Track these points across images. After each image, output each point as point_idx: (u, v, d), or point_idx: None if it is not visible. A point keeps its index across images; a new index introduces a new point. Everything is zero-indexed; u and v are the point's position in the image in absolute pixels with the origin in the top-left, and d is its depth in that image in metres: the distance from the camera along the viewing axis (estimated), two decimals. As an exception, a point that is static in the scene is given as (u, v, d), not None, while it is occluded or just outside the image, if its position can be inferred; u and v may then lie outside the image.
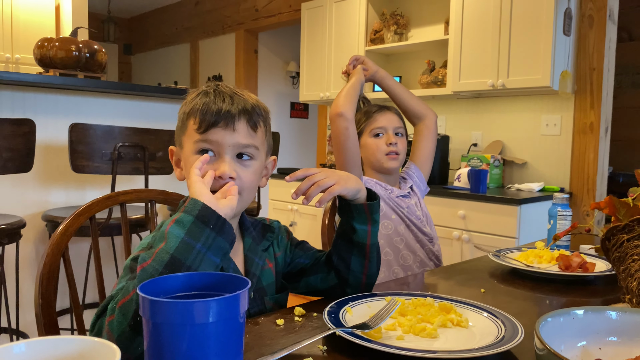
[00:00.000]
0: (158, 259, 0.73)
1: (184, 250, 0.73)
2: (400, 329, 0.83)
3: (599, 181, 2.99)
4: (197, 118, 0.88)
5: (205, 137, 0.87)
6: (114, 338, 0.71)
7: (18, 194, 2.29)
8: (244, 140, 0.89)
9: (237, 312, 0.58)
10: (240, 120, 0.88)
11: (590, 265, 1.20)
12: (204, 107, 0.88)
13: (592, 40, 2.94)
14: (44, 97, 2.33)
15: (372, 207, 0.98)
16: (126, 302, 0.72)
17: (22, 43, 4.23)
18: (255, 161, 0.91)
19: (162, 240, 0.74)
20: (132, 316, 0.71)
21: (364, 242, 0.98)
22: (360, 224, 0.98)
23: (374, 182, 1.60)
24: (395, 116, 1.62)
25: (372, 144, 1.58)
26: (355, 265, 1.00)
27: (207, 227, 0.75)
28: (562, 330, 0.64)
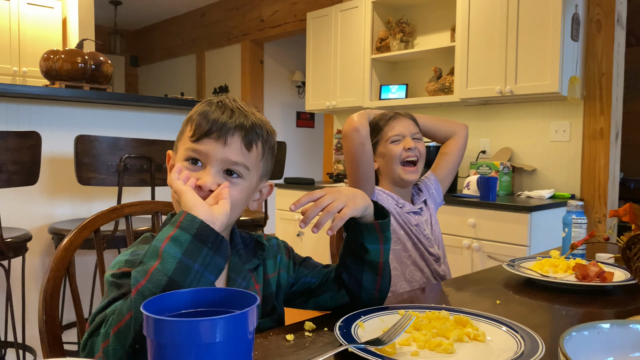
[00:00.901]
0: (154, 280, 0.68)
1: (182, 272, 0.69)
2: (415, 344, 0.79)
3: (611, 187, 2.95)
4: (193, 125, 0.86)
5: (196, 146, 0.84)
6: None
7: (24, 207, 2.27)
8: (234, 157, 0.84)
9: (246, 330, 0.55)
10: (234, 136, 0.84)
11: (608, 274, 1.16)
12: (202, 115, 0.86)
13: (601, 45, 2.91)
14: (49, 110, 2.33)
15: (383, 226, 0.93)
16: (122, 328, 0.68)
17: (29, 56, 4.25)
18: (243, 181, 0.87)
19: (156, 259, 0.70)
20: (129, 344, 0.68)
21: (376, 260, 0.94)
22: (372, 244, 0.93)
23: (386, 195, 1.57)
24: (411, 121, 1.59)
25: (391, 150, 1.54)
26: (368, 282, 0.96)
27: (205, 247, 0.71)
28: (587, 345, 0.61)
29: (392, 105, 3.70)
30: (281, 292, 1.01)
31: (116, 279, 0.81)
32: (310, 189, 3.64)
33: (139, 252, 0.85)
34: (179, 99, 2.64)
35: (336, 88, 3.96)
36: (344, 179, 3.78)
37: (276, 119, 6.17)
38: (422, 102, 3.50)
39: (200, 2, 6.26)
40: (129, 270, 0.81)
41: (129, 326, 0.68)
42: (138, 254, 0.84)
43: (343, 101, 3.91)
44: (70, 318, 2.35)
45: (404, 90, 3.68)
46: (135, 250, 0.87)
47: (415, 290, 1.27)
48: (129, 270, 0.82)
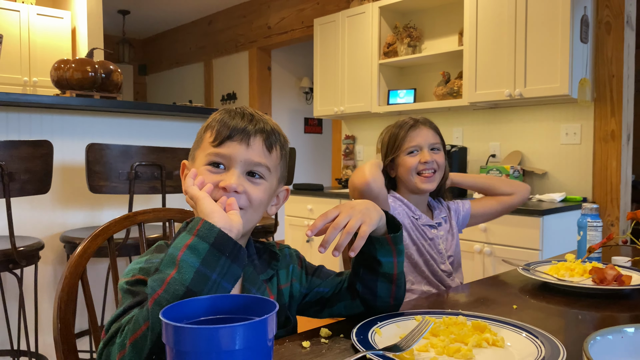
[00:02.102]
0: (171, 290, 0.68)
1: (200, 281, 0.68)
2: (433, 351, 0.79)
3: (623, 190, 2.92)
4: (213, 131, 0.87)
5: (219, 150, 0.85)
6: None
7: (36, 216, 2.29)
8: (257, 158, 0.86)
9: (265, 337, 0.55)
10: (256, 138, 0.86)
11: (626, 277, 1.15)
12: (222, 122, 0.87)
13: (610, 47, 2.89)
14: (60, 119, 2.35)
15: (396, 240, 0.91)
16: (138, 338, 0.68)
17: (39, 66, 4.29)
18: (265, 182, 0.88)
19: (173, 267, 0.69)
20: (146, 354, 0.67)
21: (390, 272, 0.93)
22: (385, 257, 0.91)
23: (403, 206, 1.54)
24: (431, 131, 1.56)
25: (407, 162, 1.52)
26: (382, 291, 0.94)
27: (223, 256, 0.71)
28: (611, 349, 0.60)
29: (400, 110, 3.70)
30: (294, 303, 1.00)
31: (130, 287, 0.81)
32: (319, 195, 3.64)
33: (153, 261, 0.85)
34: (189, 106, 2.65)
35: (344, 93, 3.96)
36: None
37: (284, 125, 6.18)
38: (431, 107, 3.50)
39: (207, 10, 6.30)
40: (144, 278, 0.81)
41: (146, 336, 0.67)
42: (153, 262, 0.84)
43: (351, 106, 3.91)
44: (81, 326, 2.35)
45: (412, 95, 3.67)
46: (149, 258, 0.87)
47: (430, 295, 1.26)
48: (143, 277, 0.81)
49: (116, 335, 0.73)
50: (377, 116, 4.03)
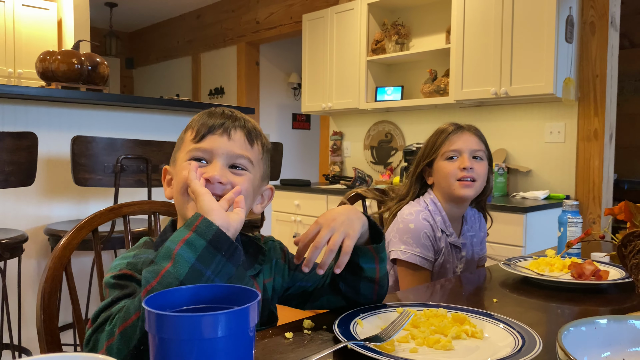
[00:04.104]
0: (165, 283, 0.68)
1: (194, 277, 0.69)
2: (413, 342, 0.80)
3: (605, 188, 2.97)
4: (194, 130, 0.87)
5: (200, 145, 0.85)
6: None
7: (20, 208, 2.27)
8: (239, 150, 0.86)
9: (247, 326, 0.56)
10: (237, 131, 0.87)
11: (603, 272, 1.17)
12: (203, 119, 0.88)
13: (595, 47, 2.93)
14: (46, 111, 2.33)
15: (378, 250, 0.92)
16: (128, 327, 0.68)
17: (24, 58, 4.24)
18: (249, 173, 0.88)
19: (168, 260, 0.70)
20: (134, 344, 0.67)
21: (373, 276, 0.93)
22: (368, 264, 0.91)
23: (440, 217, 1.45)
24: (474, 137, 1.44)
25: (444, 167, 1.42)
26: (365, 290, 0.95)
27: (219, 254, 0.71)
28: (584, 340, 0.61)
29: (387, 107, 3.72)
30: (275, 297, 1.00)
31: (118, 280, 0.80)
32: (306, 191, 3.65)
33: (141, 256, 0.84)
34: (176, 100, 2.64)
35: (332, 90, 3.97)
36: (340, 180, 3.79)
37: (272, 120, 6.18)
38: (418, 104, 3.52)
39: (195, 4, 6.26)
40: (131, 273, 0.81)
41: (135, 327, 0.68)
42: (141, 258, 0.84)
43: (339, 103, 3.92)
44: (65, 319, 2.34)
45: (399, 92, 3.69)
46: (137, 253, 0.86)
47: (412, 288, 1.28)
48: (130, 272, 0.81)
49: (105, 323, 0.73)
50: (365, 112, 4.04)
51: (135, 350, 0.68)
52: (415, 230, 1.40)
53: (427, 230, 1.41)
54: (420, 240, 1.40)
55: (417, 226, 1.41)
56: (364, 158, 4.17)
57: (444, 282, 1.31)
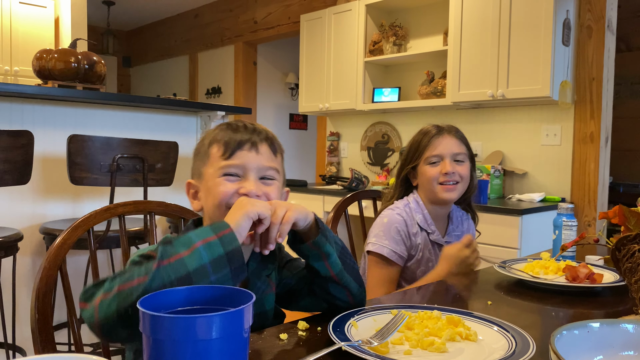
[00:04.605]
0: (175, 267, 0.72)
1: (200, 275, 0.73)
2: (407, 344, 0.80)
3: (600, 191, 2.98)
4: (221, 145, 0.93)
5: (231, 162, 0.92)
6: (98, 318, 0.71)
7: (15, 207, 2.26)
8: (267, 163, 0.94)
9: (242, 328, 0.56)
10: (263, 144, 0.94)
11: (598, 276, 1.18)
12: (228, 135, 0.94)
13: (591, 50, 2.95)
14: (42, 109, 2.32)
15: (317, 244, 0.91)
16: (125, 291, 0.71)
17: (21, 55, 4.22)
18: (277, 182, 0.96)
19: (187, 249, 0.74)
20: (124, 307, 0.70)
21: (328, 275, 0.94)
22: (316, 261, 0.92)
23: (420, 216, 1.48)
24: (455, 140, 1.47)
25: (427, 172, 1.45)
26: (336, 292, 0.96)
27: (228, 267, 0.76)
28: (577, 343, 0.62)
29: (384, 108, 3.72)
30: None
31: (142, 258, 0.82)
32: (303, 191, 3.65)
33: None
34: (172, 99, 2.64)
35: (329, 90, 3.97)
36: (336, 180, 3.79)
37: (269, 120, 6.17)
38: (415, 106, 3.52)
39: (193, 4, 6.25)
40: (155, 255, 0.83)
41: (132, 292, 0.70)
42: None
43: (336, 103, 3.92)
44: (59, 318, 2.33)
45: (396, 93, 3.70)
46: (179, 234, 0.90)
47: (407, 290, 1.28)
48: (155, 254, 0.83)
49: (106, 281, 0.76)
50: (362, 113, 4.05)
51: (123, 312, 0.70)
52: (388, 224, 1.45)
53: (398, 225, 1.44)
54: (390, 234, 1.43)
55: (389, 220, 1.45)
56: (360, 159, 4.17)
57: (438, 284, 1.31)
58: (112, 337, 0.73)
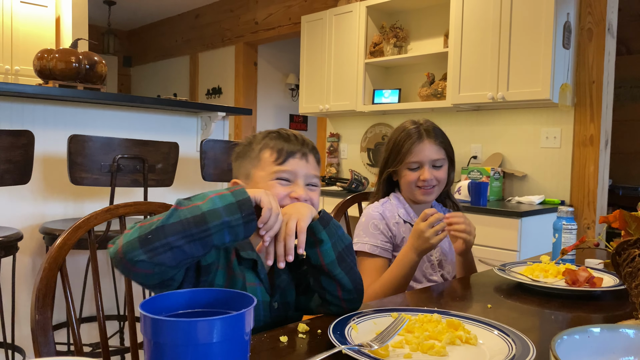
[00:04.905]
0: (192, 209, 0.80)
1: (214, 216, 0.80)
2: (407, 347, 0.80)
3: (600, 194, 2.98)
4: (274, 152, 1.03)
5: (284, 167, 1.02)
6: (121, 245, 0.80)
7: (15, 206, 2.26)
8: (313, 171, 1.06)
9: (242, 331, 0.56)
10: (310, 154, 1.06)
11: (597, 280, 1.18)
12: (281, 143, 1.04)
13: (592, 54, 2.95)
14: (42, 109, 2.32)
15: (313, 229, 0.94)
16: (146, 225, 0.81)
17: (21, 55, 4.22)
18: (319, 188, 1.08)
19: (202, 200, 0.82)
20: (145, 233, 0.79)
21: (318, 264, 0.96)
22: (309, 248, 0.95)
23: (403, 209, 1.54)
24: (434, 146, 1.51)
25: (406, 175, 1.51)
26: (326, 284, 0.98)
27: (239, 213, 0.82)
28: (578, 348, 0.62)
29: (385, 110, 3.73)
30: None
31: None
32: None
33: None
34: (173, 100, 2.64)
35: (330, 92, 3.97)
36: (336, 182, 3.79)
37: (269, 121, 6.18)
38: (415, 107, 3.53)
39: (194, 4, 6.26)
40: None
41: (151, 224, 0.80)
42: None
43: (336, 105, 3.92)
44: (58, 318, 2.33)
45: (396, 95, 3.70)
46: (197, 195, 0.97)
47: (406, 293, 1.28)
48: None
49: None
50: (362, 115, 4.05)
51: (143, 236, 0.79)
52: (365, 222, 1.51)
53: (374, 220, 1.51)
54: (369, 230, 1.50)
55: (366, 218, 1.52)
56: (360, 160, 4.17)
57: (438, 287, 1.31)
58: (132, 259, 0.79)
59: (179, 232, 0.78)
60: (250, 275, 1.00)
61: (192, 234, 0.79)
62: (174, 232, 0.78)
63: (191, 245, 0.79)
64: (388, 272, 1.39)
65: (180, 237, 0.78)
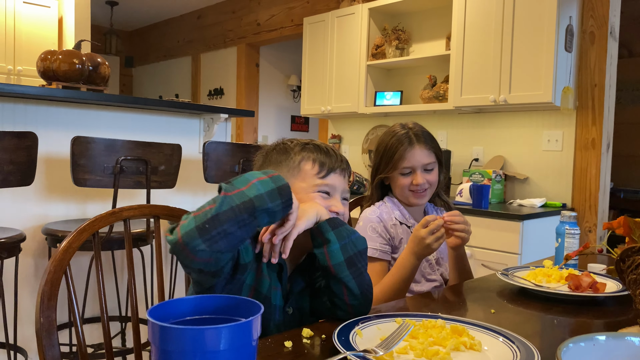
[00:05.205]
0: (239, 195, 0.84)
1: (260, 201, 0.85)
2: (412, 353, 0.81)
3: (601, 197, 2.98)
4: (316, 165, 1.08)
5: (327, 182, 1.07)
6: (180, 235, 0.83)
7: (18, 208, 2.26)
8: (347, 187, 1.13)
9: (250, 338, 0.56)
10: (346, 170, 1.13)
11: (600, 285, 1.18)
12: (322, 157, 1.09)
13: (594, 57, 2.95)
14: (46, 110, 2.32)
15: (321, 228, 0.98)
16: (200, 214, 0.84)
17: (24, 55, 4.23)
18: (348, 202, 1.15)
19: (245, 185, 0.86)
20: (202, 223, 0.82)
21: (325, 264, 0.97)
22: (317, 248, 0.98)
23: (398, 211, 1.56)
24: (425, 150, 1.54)
25: (399, 180, 1.54)
26: (335, 288, 0.99)
27: (280, 199, 0.87)
28: (583, 356, 0.62)
29: (386, 112, 3.73)
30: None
31: None
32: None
33: None
34: (176, 101, 2.64)
35: (331, 93, 3.98)
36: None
37: (271, 122, 6.18)
38: (417, 110, 3.53)
39: (196, 5, 6.26)
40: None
41: (206, 213, 0.83)
42: None
43: (338, 106, 3.93)
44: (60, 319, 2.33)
45: (398, 97, 3.70)
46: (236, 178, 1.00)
47: (409, 297, 1.28)
48: None
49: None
50: (364, 117, 4.05)
51: (201, 225, 0.82)
52: (363, 226, 1.54)
53: (372, 223, 1.53)
54: (367, 233, 1.51)
55: (364, 222, 1.55)
56: (362, 162, 4.17)
57: (441, 291, 1.31)
58: (194, 248, 0.82)
59: (232, 219, 0.82)
60: (274, 279, 1.03)
61: (243, 219, 0.83)
62: (227, 219, 0.82)
63: (242, 230, 0.84)
64: (388, 276, 1.40)
65: (233, 224, 0.83)
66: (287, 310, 1.04)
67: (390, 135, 1.57)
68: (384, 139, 1.58)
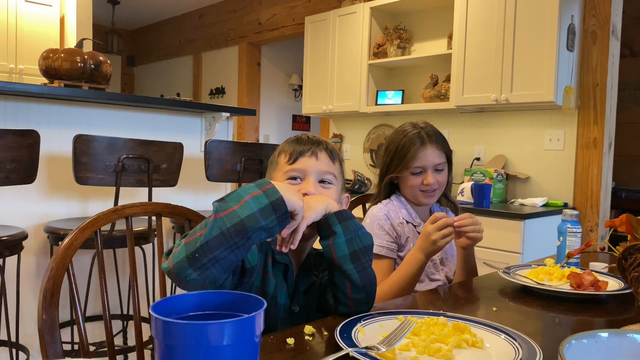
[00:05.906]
0: (230, 217, 0.82)
1: (252, 221, 0.83)
2: (414, 350, 0.81)
3: (603, 197, 2.98)
4: (286, 154, 1.09)
5: (294, 166, 1.07)
6: (172, 265, 0.84)
7: (20, 205, 2.27)
8: (325, 168, 1.08)
9: (253, 334, 0.56)
10: (322, 152, 1.09)
11: (602, 283, 1.18)
12: (294, 146, 1.09)
13: (596, 56, 2.95)
14: (48, 108, 2.33)
15: (329, 220, 0.97)
16: (191, 241, 0.83)
17: (26, 53, 4.23)
18: (334, 186, 1.09)
19: (237, 203, 0.84)
20: (191, 252, 0.82)
21: (330, 256, 0.97)
22: (323, 240, 0.98)
23: (405, 211, 1.56)
24: (436, 151, 1.53)
25: (409, 180, 1.54)
26: (339, 281, 0.98)
27: (274, 215, 0.85)
28: (585, 353, 0.62)
29: (388, 111, 3.73)
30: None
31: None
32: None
33: None
34: (178, 100, 2.64)
35: (333, 92, 3.98)
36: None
37: (272, 121, 6.18)
38: (418, 109, 3.53)
39: (198, 4, 6.26)
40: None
41: (196, 240, 0.82)
42: None
43: (339, 105, 3.93)
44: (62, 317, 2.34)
45: (400, 96, 3.70)
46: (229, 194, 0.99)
47: (412, 295, 1.28)
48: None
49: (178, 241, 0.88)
50: (365, 116, 4.05)
51: (191, 255, 0.82)
52: (370, 223, 1.53)
53: (379, 220, 1.53)
54: (374, 231, 1.51)
55: (371, 219, 1.54)
56: (363, 161, 4.17)
57: (443, 289, 1.31)
58: (185, 278, 0.83)
59: (223, 244, 0.81)
60: (279, 279, 1.04)
61: (235, 242, 0.82)
62: (218, 245, 0.81)
63: (235, 252, 0.83)
64: (396, 272, 1.40)
65: (225, 249, 0.82)
66: (293, 309, 1.04)
67: (401, 134, 1.56)
68: (395, 138, 1.57)
